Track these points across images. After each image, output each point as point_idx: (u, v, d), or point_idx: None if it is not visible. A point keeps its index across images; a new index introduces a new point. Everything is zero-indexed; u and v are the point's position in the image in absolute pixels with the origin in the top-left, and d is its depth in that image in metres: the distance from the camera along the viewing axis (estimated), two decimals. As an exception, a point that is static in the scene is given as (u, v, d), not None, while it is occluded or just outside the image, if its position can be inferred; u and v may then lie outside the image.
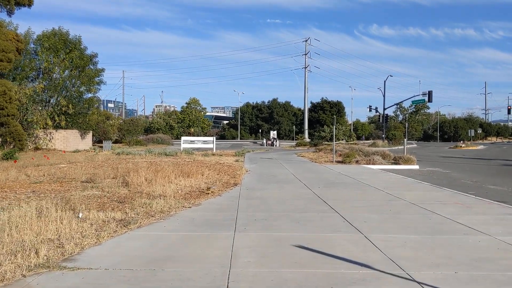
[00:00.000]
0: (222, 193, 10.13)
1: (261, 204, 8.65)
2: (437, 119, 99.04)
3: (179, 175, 12.18)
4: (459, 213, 7.77)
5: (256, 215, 7.41)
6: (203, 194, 9.63)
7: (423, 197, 9.83)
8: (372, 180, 13.32)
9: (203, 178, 12.61)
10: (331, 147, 29.66)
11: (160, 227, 6.39)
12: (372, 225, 6.68)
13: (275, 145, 50.76)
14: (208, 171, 13.99)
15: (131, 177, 10.68)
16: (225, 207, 8.23)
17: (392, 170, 18.03)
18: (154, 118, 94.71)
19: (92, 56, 35.44)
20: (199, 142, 31.21)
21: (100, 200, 8.40)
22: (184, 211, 7.72)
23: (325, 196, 9.77)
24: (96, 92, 36.04)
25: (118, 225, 6.33)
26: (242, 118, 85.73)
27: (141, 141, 54.89)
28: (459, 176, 16.30)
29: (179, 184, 10.80)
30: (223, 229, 6.30)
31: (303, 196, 9.84)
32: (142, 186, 9.99)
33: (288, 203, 8.79)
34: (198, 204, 8.41)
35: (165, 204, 8.01)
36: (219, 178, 12.91)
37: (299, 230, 6.27)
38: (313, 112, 77.41)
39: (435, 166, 20.64)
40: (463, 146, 42.85)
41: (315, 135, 43.73)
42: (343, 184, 12.27)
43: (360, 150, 24.23)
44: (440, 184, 12.84)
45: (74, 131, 35.03)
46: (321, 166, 18.89)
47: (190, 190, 10.11)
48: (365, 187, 11.61)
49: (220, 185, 11.36)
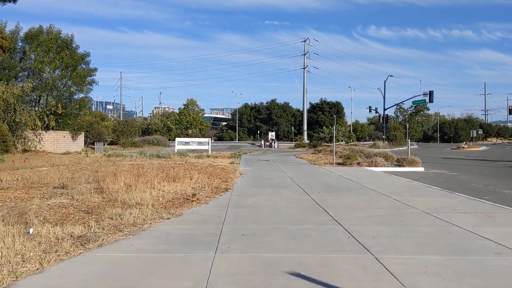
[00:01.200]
0: (210, 200, 9.00)
1: (252, 213, 7.52)
2: (437, 120, 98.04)
3: (164, 180, 11.05)
4: (481, 225, 6.66)
5: (245, 228, 6.28)
6: (187, 202, 8.50)
7: (435, 204, 8.72)
8: (376, 184, 12.20)
9: (191, 182, 11.48)
10: (330, 148, 28.57)
11: (125, 246, 5.25)
12: (382, 241, 5.56)
13: (273, 146, 49.63)
14: (198, 174, 12.85)
15: (107, 182, 9.54)
16: (210, 218, 7.10)
17: (396, 172, 16.92)
18: (151, 120, 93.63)
19: (84, 55, 34.29)
20: (194, 144, 30.07)
21: (64, 211, 7.25)
22: (160, 223, 6.59)
23: (326, 203, 8.64)
24: (88, 92, 34.88)
25: (74, 243, 5.20)
26: (240, 119, 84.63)
27: (137, 142, 53.76)
28: (468, 179, 15.19)
29: (163, 190, 9.67)
30: (202, 248, 5.17)
31: (301, 203, 8.72)
32: (119, 192, 8.85)
33: (283, 212, 7.66)
34: (179, 215, 7.28)
35: (140, 215, 6.89)
36: (209, 182, 11.78)
37: (295, 249, 5.14)
38: (312, 113, 76.36)
39: (440, 168, 19.53)
40: (465, 147, 41.77)
41: (314, 136, 42.64)
42: (344, 188, 11.15)
43: (361, 152, 23.13)
44: (450, 189, 11.74)
45: (65, 132, 33.86)
46: (320, 169, 17.77)
47: (173, 197, 8.98)
48: (369, 192, 10.49)
49: (209, 191, 10.23)
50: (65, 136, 33.74)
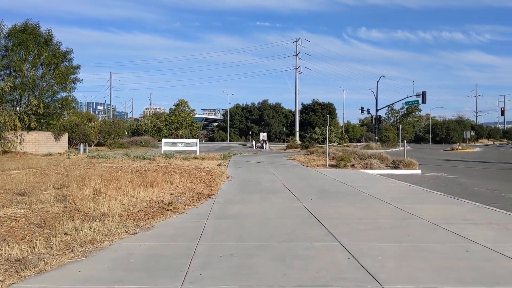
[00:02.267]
0: (189, 209, 7.95)
1: (235, 226, 6.49)
2: (428, 121, 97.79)
3: (141, 185, 9.98)
4: (501, 240, 5.70)
5: (225, 246, 5.25)
6: (162, 212, 7.44)
7: (442, 212, 7.76)
8: (374, 188, 11.24)
9: (171, 188, 10.42)
10: (323, 150, 27.63)
11: (71, 273, 4.19)
12: (390, 264, 4.56)
13: (264, 147, 48.64)
14: (179, 178, 11.78)
15: (72, 189, 8.44)
16: (185, 232, 6.06)
17: (393, 175, 15.99)
18: (141, 120, 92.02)
19: (67, 52, 32.94)
20: (181, 145, 28.95)
21: (13, 224, 6.16)
22: (124, 240, 5.53)
23: (320, 212, 7.64)
24: (71, 91, 33.44)
25: (8, 270, 4.14)
26: (231, 120, 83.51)
27: (124, 143, 52.41)
28: (470, 182, 14.31)
29: (136, 197, 8.60)
30: (166, 277, 4.13)
31: (292, 212, 7.70)
32: (86, 200, 7.77)
33: (272, 224, 6.64)
34: (149, 228, 6.23)
35: (102, 229, 5.83)
36: (191, 187, 10.72)
37: (283, 278, 4.12)
38: (304, 114, 75.55)
39: (438, 171, 18.66)
40: (459, 148, 41.14)
41: (306, 137, 41.70)
42: (340, 194, 10.17)
43: (355, 153, 22.21)
44: (452, 193, 10.82)
45: (47, 133, 32.51)
46: (313, 171, 16.79)
47: (147, 206, 7.92)
48: (367, 198, 9.51)
49: (189, 197, 9.18)
50: (47, 137, 32.39)
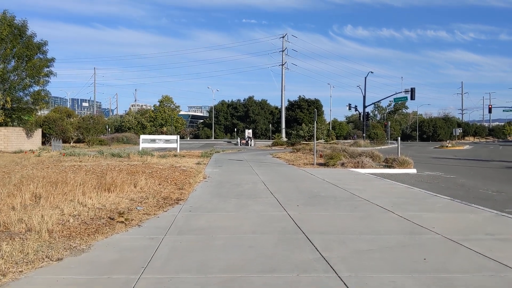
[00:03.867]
0: (147, 219, 6.41)
1: (198, 247, 4.99)
2: (415, 118, 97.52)
3: (97, 188, 8.41)
4: (546, 265, 4.33)
5: (177, 282, 3.75)
6: (110, 224, 5.90)
7: (457, 223, 6.39)
8: (369, 191, 9.85)
9: (134, 191, 8.86)
10: (310, 147, 26.27)
11: None
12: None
13: (249, 144, 47.16)
14: (146, 180, 10.22)
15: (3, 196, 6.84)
16: (130, 256, 4.53)
17: (387, 175, 14.67)
18: (125, 117, 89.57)
19: (41, 44, 30.87)
20: (160, 141, 27.25)
21: None
22: (39, 270, 3.99)
23: (308, 224, 6.19)
24: (45, 85, 31.42)
25: None
26: (217, 117, 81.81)
27: (105, 140, 50.44)
28: (471, 183, 13.04)
29: (86, 204, 7.04)
30: None
31: (274, 224, 6.24)
32: (16, 210, 6.18)
33: (247, 243, 5.16)
34: (83, 250, 4.69)
35: (16, 253, 4.28)
36: (158, 190, 9.18)
37: None
38: (290, 111, 74.24)
39: (434, 170, 17.41)
40: (449, 146, 40.24)
41: (293, 133, 40.30)
42: (331, 199, 8.74)
43: (345, 151, 20.87)
44: (456, 196, 9.51)
45: (18, 129, 30.52)
46: (299, 170, 15.36)
47: (94, 216, 6.36)
48: (364, 204, 8.09)
49: (152, 204, 7.65)
50: (18, 133, 30.41)
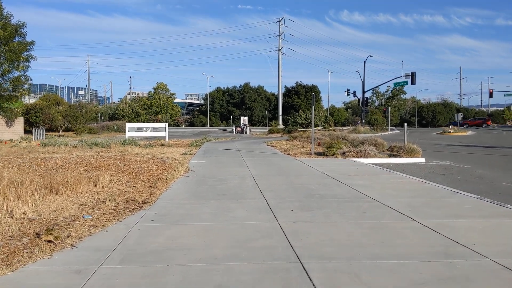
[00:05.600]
0: (88, 236, 4.79)
1: (140, 286, 3.38)
2: (413, 104, 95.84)
3: (43, 187, 6.79)
4: None
5: None
6: (31, 247, 4.28)
7: (502, 236, 4.82)
8: (378, 188, 8.26)
9: (93, 191, 7.24)
10: (307, 134, 24.64)
11: None
12: None
13: (245, 132, 45.50)
14: (113, 176, 8.58)
15: None
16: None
17: (393, 165, 13.10)
18: (119, 105, 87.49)
19: (19, 26, 28.85)
20: (148, 130, 25.54)
21: None
22: None
23: (305, 241, 4.59)
24: (25, 70, 29.54)
25: None
26: (212, 104, 79.86)
27: (94, 129, 48.76)
28: (490, 174, 11.48)
29: (14, 213, 5.42)
30: None
31: (258, 242, 4.63)
32: None
33: (215, 279, 3.54)
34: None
35: None
36: (122, 190, 7.55)
37: None
38: (287, 97, 72.38)
39: (443, 159, 15.82)
40: (452, 131, 38.67)
41: (290, 120, 38.63)
42: (333, 199, 7.14)
43: (345, 138, 19.29)
44: (482, 193, 7.97)
45: (-3, 117, 28.78)
46: (296, 161, 13.75)
47: (15, 233, 4.74)
48: (373, 207, 6.50)
49: (108, 209, 6.03)
50: (-3, 121, 28.66)
